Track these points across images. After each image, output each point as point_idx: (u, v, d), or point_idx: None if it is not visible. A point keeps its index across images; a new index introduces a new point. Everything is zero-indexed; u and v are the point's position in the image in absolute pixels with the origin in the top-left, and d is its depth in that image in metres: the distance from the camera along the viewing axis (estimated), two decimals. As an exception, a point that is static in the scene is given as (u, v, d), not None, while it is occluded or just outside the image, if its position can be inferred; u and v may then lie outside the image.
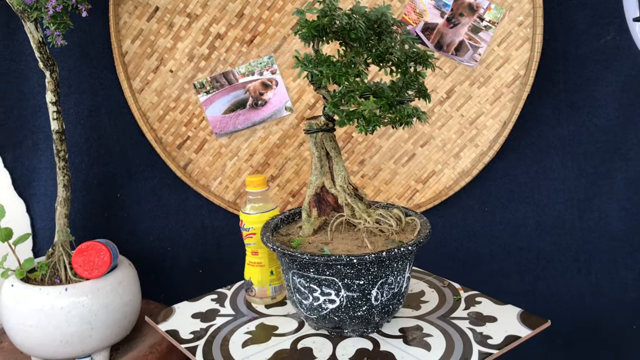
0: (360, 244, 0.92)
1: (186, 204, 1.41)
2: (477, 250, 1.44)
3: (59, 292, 1.11)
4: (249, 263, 1.07)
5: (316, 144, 0.95)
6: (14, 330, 1.14)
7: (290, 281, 0.92)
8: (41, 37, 1.13)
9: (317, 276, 0.88)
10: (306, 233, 0.96)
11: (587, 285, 1.44)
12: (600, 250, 1.43)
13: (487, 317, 0.98)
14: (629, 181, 1.40)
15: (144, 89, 1.35)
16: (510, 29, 1.32)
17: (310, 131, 0.95)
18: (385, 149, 1.39)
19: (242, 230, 1.06)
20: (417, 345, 0.91)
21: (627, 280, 1.43)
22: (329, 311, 0.90)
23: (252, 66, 1.35)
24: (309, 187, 0.97)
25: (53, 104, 1.17)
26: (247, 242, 1.07)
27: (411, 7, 1.33)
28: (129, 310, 1.19)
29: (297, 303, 0.93)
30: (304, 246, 0.92)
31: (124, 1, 1.32)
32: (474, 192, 1.41)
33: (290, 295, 0.95)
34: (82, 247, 1.14)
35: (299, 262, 0.88)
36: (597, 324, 1.45)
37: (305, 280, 0.90)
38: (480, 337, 0.92)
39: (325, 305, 0.90)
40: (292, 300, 0.95)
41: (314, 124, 0.95)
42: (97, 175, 1.38)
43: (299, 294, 0.92)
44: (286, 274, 0.93)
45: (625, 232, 1.42)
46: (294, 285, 0.92)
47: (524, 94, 1.32)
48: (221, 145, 1.39)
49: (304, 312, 0.93)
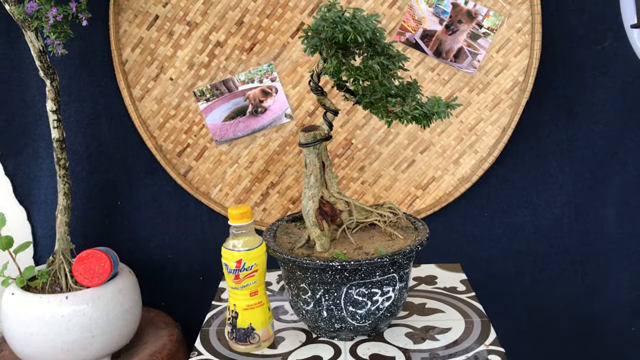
0: (381, 239, 0.96)
1: (186, 212, 1.41)
2: (477, 254, 1.45)
3: (59, 300, 1.11)
4: (248, 307, 0.93)
5: (318, 155, 0.94)
6: (14, 338, 1.14)
7: (342, 297, 0.91)
8: (42, 46, 1.14)
9: (381, 278, 0.91)
10: (326, 247, 0.93)
11: (584, 288, 1.45)
12: (597, 253, 1.44)
13: None
14: (626, 185, 1.42)
15: (144, 97, 1.36)
16: (508, 35, 1.33)
17: (314, 142, 0.92)
18: (385, 155, 1.39)
19: (233, 272, 0.91)
20: None
21: (623, 282, 1.44)
22: (384, 310, 0.93)
23: (252, 74, 1.36)
24: (311, 201, 0.94)
25: (53, 112, 1.18)
26: (244, 284, 0.92)
27: (410, 14, 1.34)
28: (130, 318, 1.19)
29: (348, 317, 0.92)
30: (348, 257, 0.91)
31: (124, 10, 1.32)
32: (473, 198, 1.42)
33: (332, 315, 0.92)
34: (83, 255, 1.14)
35: (366, 270, 0.88)
36: (594, 326, 1.46)
37: (366, 288, 0.90)
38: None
39: (382, 305, 0.93)
40: (335, 318, 0.92)
41: (316, 135, 0.93)
42: (98, 183, 1.38)
43: (354, 306, 0.91)
44: (333, 292, 0.90)
45: (621, 236, 1.43)
46: (347, 300, 0.91)
47: (522, 100, 1.32)
48: (221, 153, 1.39)
49: (355, 323, 0.92)
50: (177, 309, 1.42)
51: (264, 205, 1.41)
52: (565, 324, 1.47)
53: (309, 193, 0.94)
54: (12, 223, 1.32)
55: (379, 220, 0.98)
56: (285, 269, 0.96)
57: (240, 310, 0.93)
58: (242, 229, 0.91)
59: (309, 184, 0.94)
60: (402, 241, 0.96)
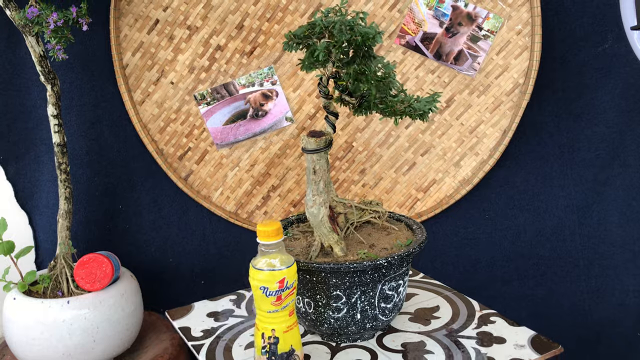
0: (381, 234, 0.99)
1: (187, 215, 1.41)
2: (478, 257, 1.45)
3: (61, 304, 1.11)
4: (288, 329, 0.87)
5: (327, 160, 0.92)
6: (16, 343, 1.14)
7: (377, 295, 0.92)
8: (42, 51, 1.14)
9: (405, 269, 0.94)
10: (345, 250, 0.93)
11: (587, 291, 1.44)
12: (600, 256, 1.43)
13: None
14: (628, 188, 1.41)
15: (145, 101, 1.36)
16: (509, 37, 1.33)
17: (325, 148, 0.91)
18: (386, 158, 1.39)
19: (275, 294, 0.84)
20: None
21: (628, 286, 1.43)
22: (402, 299, 0.97)
23: (253, 77, 1.36)
24: (323, 207, 0.92)
25: (54, 117, 1.18)
26: (285, 304, 0.85)
27: (410, 17, 1.34)
28: (131, 322, 1.19)
29: (379, 314, 0.94)
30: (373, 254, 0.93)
31: (124, 14, 1.32)
32: (474, 200, 1.42)
33: (365, 315, 0.92)
34: (84, 260, 1.14)
35: (398, 264, 0.91)
36: (598, 329, 1.45)
37: (395, 281, 0.93)
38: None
39: (402, 295, 0.97)
40: (368, 318, 0.93)
41: (326, 140, 0.91)
42: (99, 187, 1.38)
43: (385, 302, 0.93)
44: (369, 292, 0.91)
45: (624, 238, 1.42)
46: (380, 296, 0.92)
47: (523, 102, 1.32)
48: (222, 156, 1.39)
49: (384, 319, 0.94)
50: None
51: (265, 208, 1.41)
52: (569, 328, 1.46)
53: (320, 199, 0.92)
54: (14, 228, 1.32)
55: (375, 217, 0.99)
56: (312, 280, 0.91)
57: (281, 333, 0.86)
58: (276, 246, 0.85)
59: (319, 190, 0.92)
60: (400, 233, 0.98)
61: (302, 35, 0.85)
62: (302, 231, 1.02)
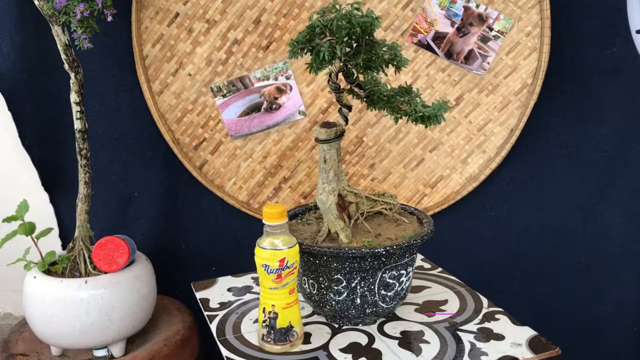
0: (390, 225, 1.02)
1: (201, 204, 1.45)
2: (483, 253, 1.47)
3: (79, 284, 1.16)
4: (287, 306, 0.92)
5: (337, 151, 0.97)
6: (35, 320, 1.18)
7: (377, 282, 0.95)
8: (67, 40, 1.18)
9: (407, 259, 0.97)
10: (350, 237, 0.96)
11: (589, 289, 1.46)
12: (602, 255, 1.45)
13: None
14: (632, 188, 1.43)
15: (163, 91, 1.40)
16: (518, 38, 1.36)
17: (336, 138, 0.95)
18: (395, 153, 1.43)
19: (275, 272, 0.90)
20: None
21: (629, 284, 1.45)
22: (405, 290, 1.00)
23: (268, 71, 1.40)
24: (331, 195, 0.96)
25: (77, 104, 1.22)
26: (285, 282, 0.91)
27: (422, 16, 1.37)
28: (145, 304, 1.23)
29: (379, 300, 0.97)
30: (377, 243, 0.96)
31: (146, 7, 1.37)
32: (480, 197, 1.44)
33: (365, 301, 0.96)
34: (102, 242, 1.18)
35: (399, 254, 0.94)
36: (599, 327, 1.47)
37: (396, 271, 0.96)
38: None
39: (404, 285, 0.99)
40: (367, 303, 0.96)
41: (337, 130, 0.95)
42: (117, 174, 1.42)
43: (385, 289, 0.97)
44: (369, 278, 0.95)
45: (627, 238, 1.44)
46: (380, 284, 0.96)
47: (531, 102, 1.35)
48: (236, 147, 1.43)
49: (384, 306, 0.97)
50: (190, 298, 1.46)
51: (276, 199, 1.45)
52: (569, 324, 1.48)
53: (329, 187, 0.96)
54: (37, 209, 1.36)
55: (386, 209, 1.02)
56: (315, 263, 0.96)
57: (280, 309, 0.91)
58: (279, 228, 0.90)
59: (328, 179, 0.96)
60: (409, 225, 1.01)
61: (304, 40, 0.88)
62: (317, 217, 1.07)
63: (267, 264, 0.89)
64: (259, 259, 0.90)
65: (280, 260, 0.89)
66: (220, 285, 1.20)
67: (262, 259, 0.90)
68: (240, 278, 1.22)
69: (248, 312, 1.07)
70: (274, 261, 0.89)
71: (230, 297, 1.14)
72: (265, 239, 0.91)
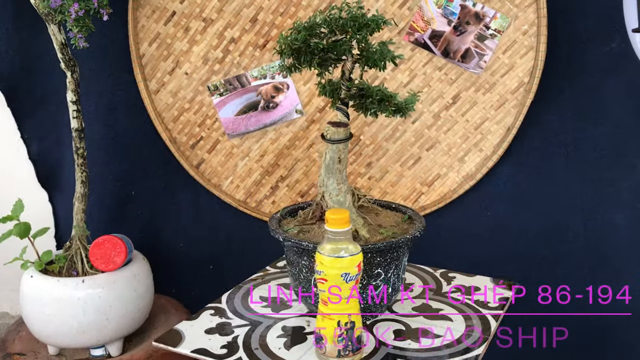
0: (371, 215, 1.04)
1: (198, 202, 1.45)
2: (479, 253, 1.46)
3: (76, 283, 1.16)
4: (359, 312, 0.86)
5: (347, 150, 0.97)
6: (32, 319, 1.18)
7: (402, 267, 0.99)
8: (64, 39, 1.18)
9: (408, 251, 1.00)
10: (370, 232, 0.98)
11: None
12: (604, 258, 1.41)
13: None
14: (634, 188, 1.40)
15: (160, 90, 1.40)
16: (515, 37, 1.36)
17: (350, 138, 0.96)
18: (392, 152, 1.43)
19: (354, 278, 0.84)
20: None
21: (634, 288, 1.42)
22: None
23: (265, 70, 1.40)
24: (348, 194, 0.97)
25: (73, 103, 1.22)
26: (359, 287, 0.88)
27: (419, 14, 1.37)
28: (142, 303, 1.23)
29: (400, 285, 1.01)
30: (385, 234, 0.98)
31: (142, 5, 1.36)
32: (477, 196, 1.43)
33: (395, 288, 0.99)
34: (99, 241, 1.18)
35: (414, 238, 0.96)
36: (601, 331, 1.45)
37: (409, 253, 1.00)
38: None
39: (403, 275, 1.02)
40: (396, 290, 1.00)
41: (348, 130, 0.96)
42: (114, 173, 1.42)
43: (403, 272, 1.01)
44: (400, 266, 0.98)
45: (629, 240, 1.41)
46: (403, 268, 1.00)
47: (527, 101, 1.35)
48: (233, 146, 1.43)
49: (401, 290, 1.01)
50: (187, 296, 1.46)
51: (273, 198, 1.45)
52: (572, 329, 1.45)
53: (345, 187, 0.97)
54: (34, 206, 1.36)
55: (368, 202, 1.05)
56: None
57: (355, 317, 0.85)
58: (347, 233, 0.83)
59: (343, 179, 0.97)
60: (384, 213, 1.05)
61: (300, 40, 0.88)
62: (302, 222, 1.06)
63: (348, 272, 0.82)
64: (335, 270, 0.82)
65: (358, 265, 0.83)
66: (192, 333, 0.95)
67: (340, 268, 0.82)
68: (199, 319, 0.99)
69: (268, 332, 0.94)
70: (352, 267, 0.82)
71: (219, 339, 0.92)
72: (337, 246, 0.83)
